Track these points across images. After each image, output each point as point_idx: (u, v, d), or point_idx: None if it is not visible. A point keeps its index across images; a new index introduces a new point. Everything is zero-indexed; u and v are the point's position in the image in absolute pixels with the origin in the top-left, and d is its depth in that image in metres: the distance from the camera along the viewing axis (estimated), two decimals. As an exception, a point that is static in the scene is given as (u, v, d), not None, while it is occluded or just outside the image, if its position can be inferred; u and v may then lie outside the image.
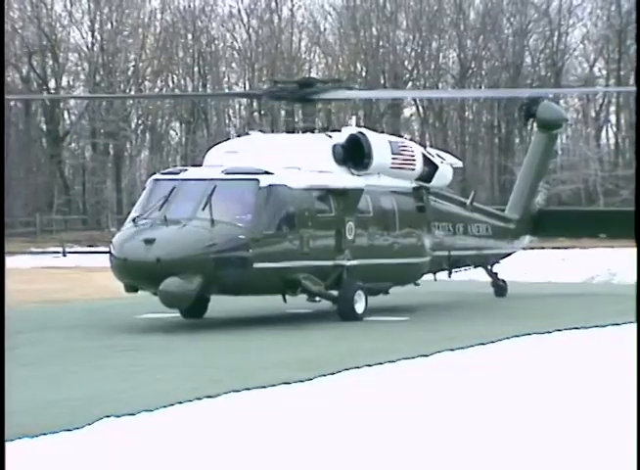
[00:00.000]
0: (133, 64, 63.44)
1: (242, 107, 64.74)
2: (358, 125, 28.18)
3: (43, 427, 8.19)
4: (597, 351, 11.88)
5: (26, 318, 18.38)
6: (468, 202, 22.36)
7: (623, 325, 14.62)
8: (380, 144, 19.48)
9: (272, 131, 51.41)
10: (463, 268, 22.29)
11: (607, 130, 65.28)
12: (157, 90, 63.49)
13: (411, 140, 21.33)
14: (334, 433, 7.59)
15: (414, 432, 7.58)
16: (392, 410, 8.40)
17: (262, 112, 62.81)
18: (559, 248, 35.63)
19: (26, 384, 11.19)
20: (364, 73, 62.96)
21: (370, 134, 19.63)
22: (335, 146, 19.04)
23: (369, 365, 11.14)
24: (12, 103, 57.26)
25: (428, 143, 53.52)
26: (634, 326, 13.73)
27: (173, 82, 64.94)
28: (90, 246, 45.77)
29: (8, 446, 7.01)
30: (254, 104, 62.26)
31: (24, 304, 21.03)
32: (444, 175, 20.93)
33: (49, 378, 11.94)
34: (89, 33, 62.55)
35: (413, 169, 20.05)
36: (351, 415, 8.21)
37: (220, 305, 18.74)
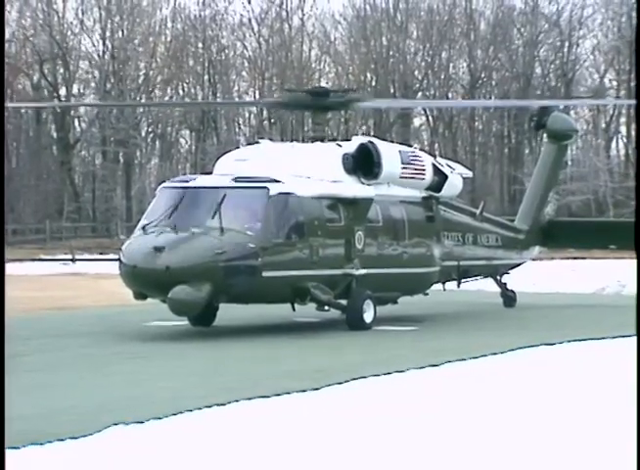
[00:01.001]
0: (144, 72, 63.61)
1: (252, 115, 64.82)
2: (368, 135, 28.20)
3: (52, 434, 8.18)
4: (606, 362, 11.84)
5: (35, 325, 18.40)
6: (477, 212, 22.33)
7: (633, 337, 14.56)
8: (390, 153, 19.47)
9: (282, 140, 51.49)
10: (472, 278, 22.24)
11: (617, 141, 65.23)
12: (167, 98, 63.63)
13: (421, 150, 21.27)
14: (342, 442, 7.58)
15: (423, 442, 7.56)
16: (401, 420, 8.38)
17: (272, 120, 62.88)
18: (568, 258, 35.55)
19: (36, 391, 11.19)
20: (374, 83, 63.00)
21: (380, 144, 19.62)
22: (345, 155, 19.04)
23: (377, 375, 11.12)
24: (22, 110, 57.41)
25: (437, 153, 53.48)
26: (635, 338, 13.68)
27: (183, 91, 65.07)
28: (100, 253, 45.84)
29: (15, 453, 7.01)
30: (264, 112, 62.35)
31: (34, 311, 21.05)
32: (454, 185, 20.91)
33: (58, 385, 11.94)
34: (100, 41, 62.77)
35: (423, 179, 20.04)
36: (360, 425, 8.20)
37: (229, 313, 18.74)
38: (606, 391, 9.73)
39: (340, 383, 10.65)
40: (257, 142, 20.67)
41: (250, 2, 63.86)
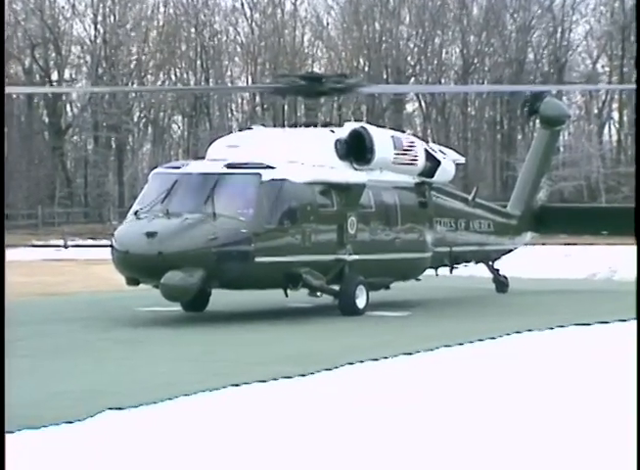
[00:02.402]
0: (136, 57, 63.42)
1: (244, 101, 64.71)
2: (361, 120, 28.19)
3: (45, 419, 8.20)
4: (598, 347, 11.89)
5: (28, 311, 18.40)
6: (470, 198, 22.34)
7: (624, 322, 14.63)
8: (382, 139, 19.47)
9: (274, 125, 51.41)
10: (464, 264, 22.28)
11: (609, 127, 65.27)
12: (159, 83, 63.46)
13: (413, 135, 21.27)
14: (334, 427, 7.61)
15: (414, 427, 7.60)
16: (393, 405, 8.42)
17: (265, 106, 62.78)
18: (560, 244, 35.63)
19: (28, 376, 11.20)
20: (367, 68, 62.90)
21: (372, 129, 19.62)
22: (337, 141, 19.03)
23: (370, 360, 11.15)
24: (14, 95, 57.22)
25: (430, 139, 53.53)
26: (635, 323, 13.75)
27: (176, 76, 64.91)
28: (92, 239, 45.79)
29: (10, 437, 7.03)
30: (257, 98, 62.24)
31: (26, 296, 21.04)
32: (447, 171, 20.92)
33: (51, 370, 11.95)
34: (92, 26, 62.56)
35: (415, 165, 20.04)
36: (352, 410, 8.23)
37: (222, 298, 18.76)
38: (598, 375, 9.78)
39: (333, 368, 10.68)
40: (250, 128, 20.64)
41: (242, -13, 63.69)
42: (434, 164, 20.37)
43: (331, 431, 7.48)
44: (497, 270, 23.17)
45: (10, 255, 33.89)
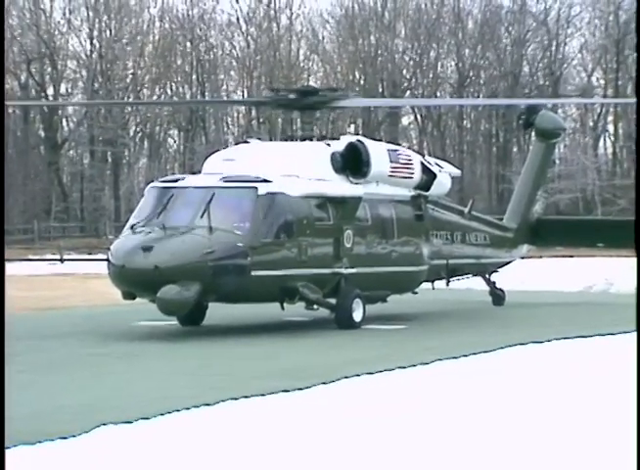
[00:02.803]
0: (131, 71, 63.50)
1: (240, 115, 64.80)
2: (357, 134, 28.24)
3: (40, 434, 8.17)
4: (595, 360, 11.87)
5: (24, 325, 18.35)
6: (466, 210, 22.36)
7: (621, 335, 14.62)
8: (378, 152, 19.49)
9: (270, 139, 51.47)
10: (461, 277, 22.28)
11: (604, 140, 65.40)
12: (155, 98, 63.53)
13: (409, 149, 21.30)
14: (331, 441, 7.58)
15: (412, 440, 7.57)
16: (391, 419, 8.39)
17: (261, 119, 62.86)
18: (557, 257, 35.64)
19: (24, 391, 11.16)
20: (362, 82, 63.02)
21: (368, 142, 19.64)
22: (333, 154, 19.05)
23: (367, 374, 11.13)
24: (10, 110, 57.27)
25: (426, 152, 53.59)
26: (632, 335, 13.74)
27: (172, 90, 64.99)
28: (88, 253, 45.75)
29: (5, 452, 7.00)
30: (253, 112, 62.31)
31: (22, 311, 20.99)
32: (443, 184, 20.94)
33: (46, 385, 11.92)
34: (88, 41, 62.65)
35: (411, 178, 20.06)
36: (349, 424, 8.20)
37: (218, 312, 18.73)
38: (596, 388, 9.76)
39: (329, 382, 10.66)
40: (246, 141, 20.66)
41: (237, 1, 63.88)
42: (429, 177, 20.39)
43: (328, 445, 7.46)
44: (494, 283, 23.17)
45: (6, 269, 33.81)
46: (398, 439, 7.62)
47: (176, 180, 18.45)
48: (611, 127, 64.47)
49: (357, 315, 18.15)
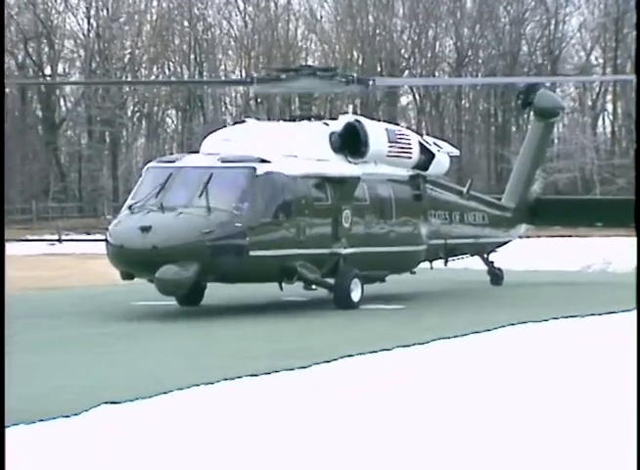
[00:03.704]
0: (129, 51, 63.29)
1: (238, 94, 64.64)
2: (355, 113, 28.18)
3: (40, 414, 8.20)
4: (593, 339, 11.91)
5: (23, 305, 18.37)
6: (464, 190, 22.35)
7: (619, 313, 14.65)
8: (376, 132, 19.46)
9: (268, 119, 51.33)
10: (459, 257, 22.29)
11: (603, 119, 65.30)
12: (152, 77, 63.34)
13: (408, 128, 21.28)
14: (330, 420, 7.61)
15: (410, 419, 7.60)
16: (389, 398, 8.42)
17: (259, 99, 62.72)
18: (555, 236, 35.66)
19: (24, 371, 11.19)
20: (360, 61, 62.85)
21: (367, 122, 19.61)
22: (332, 134, 19.02)
23: (365, 353, 11.16)
24: (7, 90, 57.09)
25: (424, 131, 53.53)
26: (630, 314, 13.77)
27: (169, 70, 64.81)
28: (86, 233, 45.73)
29: (5, 432, 7.01)
30: (251, 91, 62.14)
31: (21, 291, 21.01)
32: (441, 164, 20.92)
33: (45, 365, 11.95)
34: (85, 20, 62.44)
35: (410, 158, 20.04)
36: (347, 403, 8.23)
37: (216, 292, 18.75)
38: (596, 367, 9.79)
39: (328, 361, 10.68)
40: (244, 121, 20.63)
41: (235, -20, 63.57)
42: (428, 156, 20.37)
43: (329, 424, 7.48)
44: (492, 263, 23.18)
45: (5, 250, 33.79)
46: (398, 418, 7.65)
47: (174, 160, 18.43)
48: (609, 106, 64.39)
49: (355, 295, 18.18)
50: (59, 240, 42.82)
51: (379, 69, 61.98)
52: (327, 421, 7.57)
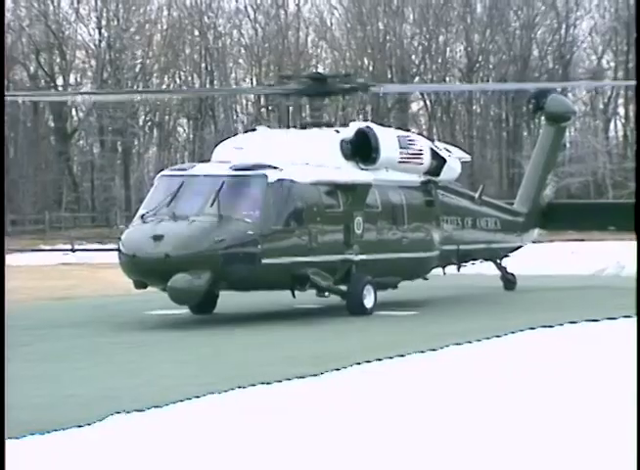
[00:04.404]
0: (140, 60, 63.47)
1: (249, 103, 64.72)
2: (366, 120, 28.19)
3: (53, 423, 8.20)
4: (607, 343, 11.85)
5: (36, 315, 18.41)
6: (476, 195, 22.31)
7: (633, 317, 14.57)
8: (388, 138, 19.45)
9: (280, 127, 51.38)
10: (472, 262, 22.24)
11: (615, 123, 65.12)
12: (164, 87, 63.49)
13: (419, 134, 21.26)
14: (344, 427, 7.59)
15: (424, 426, 7.58)
16: (403, 404, 8.39)
17: (270, 107, 62.79)
18: (568, 240, 35.55)
19: (37, 380, 11.20)
20: (371, 68, 62.86)
21: (378, 129, 19.60)
22: (342, 141, 19.02)
23: (379, 360, 11.13)
24: (20, 100, 57.28)
25: (435, 137, 53.45)
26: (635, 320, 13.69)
27: (180, 79, 64.95)
28: (99, 243, 45.79)
29: (17, 443, 7.02)
30: (262, 100, 62.23)
31: (34, 301, 21.05)
32: (453, 169, 20.89)
33: (59, 374, 11.95)
34: (96, 30, 62.61)
35: (421, 163, 20.02)
36: (361, 410, 8.21)
37: (229, 300, 18.75)
38: (607, 372, 9.74)
39: (341, 368, 10.66)
40: (255, 129, 20.64)
41: (245, -11, 63.72)
42: (439, 162, 20.34)
43: (342, 431, 7.46)
44: (505, 268, 23.13)
45: (17, 259, 33.94)
46: (411, 424, 7.62)
47: (186, 169, 18.45)
48: (621, 110, 64.21)
49: (368, 302, 18.15)
50: (72, 250, 42.90)
51: (389, 75, 61.98)
52: (340, 429, 7.55)
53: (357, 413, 8.06)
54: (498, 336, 13.03)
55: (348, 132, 19.24)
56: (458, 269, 21.66)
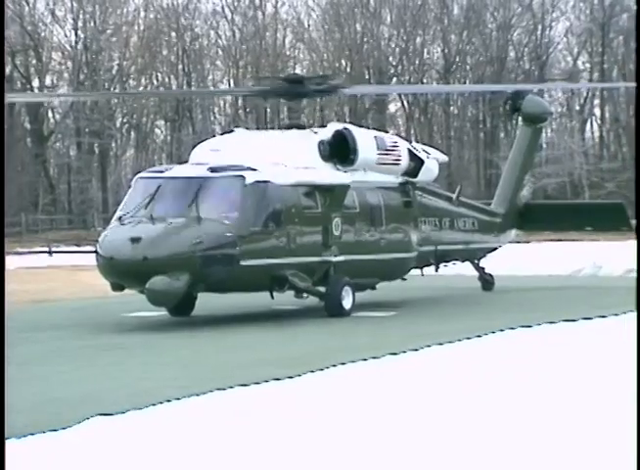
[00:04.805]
0: (117, 62, 63.28)
1: (227, 104, 64.65)
2: (343, 121, 28.24)
3: (32, 427, 8.17)
4: (584, 343, 11.92)
5: (14, 318, 18.31)
6: (454, 196, 22.39)
7: (611, 317, 14.67)
8: (365, 140, 19.49)
9: (257, 128, 51.38)
10: (450, 263, 22.31)
11: (591, 124, 65.48)
12: (141, 88, 63.34)
13: (397, 135, 21.30)
14: (322, 429, 7.61)
15: (402, 426, 7.60)
16: (381, 406, 8.42)
17: (247, 109, 62.74)
18: (545, 241, 35.72)
19: (15, 384, 11.16)
20: (349, 69, 62.94)
21: (355, 130, 19.63)
22: (320, 142, 19.04)
23: (357, 361, 11.15)
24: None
25: (413, 138, 53.59)
26: (622, 317, 13.79)
27: (158, 80, 64.80)
28: (76, 245, 45.65)
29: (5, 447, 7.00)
30: (239, 101, 62.18)
31: (12, 304, 20.94)
32: (430, 170, 20.95)
33: (37, 378, 11.91)
34: (72, 32, 62.39)
35: (399, 165, 20.07)
36: (339, 411, 8.23)
37: (207, 302, 18.73)
38: (587, 371, 9.80)
39: (320, 369, 10.67)
40: (233, 131, 20.63)
41: (222, -10, 63.64)
42: (417, 163, 20.40)
43: (319, 432, 7.48)
44: (483, 268, 23.21)
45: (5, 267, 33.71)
46: (389, 426, 7.64)
47: (163, 171, 18.42)
48: (597, 111, 64.57)
49: (347, 303, 18.18)
50: (49, 252, 42.74)
51: (367, 76, 62.08)
52: (317, 430, 7.56)
53: (335, 415, 8.08)
54: (479, 336, 13.08)
55: (326, 133, 19.26)
56: (436, 270, 21.72)
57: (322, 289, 18.29)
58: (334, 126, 19.74)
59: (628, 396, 7.50)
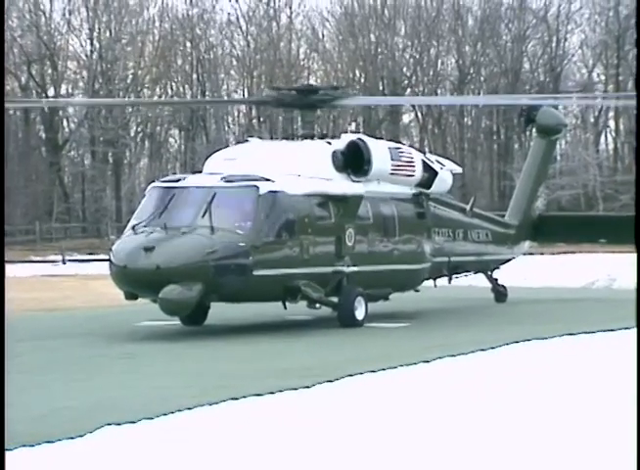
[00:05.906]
0: (132, 71, 63.49)
1: (241, 114, 64.79)
2: (357, 132, 28.27)
3: (43, 435, 8.17)
4: (598, 356, 11.87)
5: (27, 327, 18.35)
6: (468, 208, 22.36)
7: (624, 330, 14.61)
8: (379, 150, 19.49)
9: (271, 138, 51.45)
10: (463, 274, 22.27)
11: (606, 136, 65.35)
12: (155, 98, 63.54)
13: (410, 146, 21.31)
14: (334, 440, 7.58)
15: (415, 438, 7.57)
16: (394, 417, 8.39)
17: (261, 119, 62.85)
18: (559, 253, 35.62)
19: (27, 392, 11.17)
20: (363, 80, 63.01)
21: (369, 141, 19.63)
22: (334, 152, 19.04)
23: (370, 372, 11.13)
24: (11, 111, 57.27)
25: (427, 149, 53.54)
26: (634, 331, 13.70)
27: (172, 90, 64.99)
28: (90, 254, 45.75)
29: (10, 455, 7.00)
30: (253, 111, 62.30)
31: (25, 312, 20.99)
32: (444, 181, 20.94)
33: (49, 386, 11.92)
34: (88, 41, 62.63)
35: (413, 176, 20.06)
36: (352, 422, 8.20)
37: (220, 312, 18.73)
38: (600, 385, 9.75)
39: (332, 380, 10.66)
40: (247, 141, 20.66)
41: (237, 0, 63.86)
42: (431, 174, 20.38)
43: (333, 443, 7.45)
44: (496, 280, 23.16)
45: (8, 271, 33.84)
46: (401, 437, 7.61)
47: (177, 180, 18.45)
48: (612, 123, 64.44)
49: (359, 314, 18.15)
50: (62, 261, 42.85)
51: (381, 87, 62.11)
52: (329, 441, 7.54)
53: (348, 426, 8.05)
54: (490, 348, 13.03)
55: (340, 144, 19.27)
56: (449, 281, 21.68)
57: (335, 299, 18.27)
58: (348, 137, 19.75)
59: (633, 410, 7.45)
